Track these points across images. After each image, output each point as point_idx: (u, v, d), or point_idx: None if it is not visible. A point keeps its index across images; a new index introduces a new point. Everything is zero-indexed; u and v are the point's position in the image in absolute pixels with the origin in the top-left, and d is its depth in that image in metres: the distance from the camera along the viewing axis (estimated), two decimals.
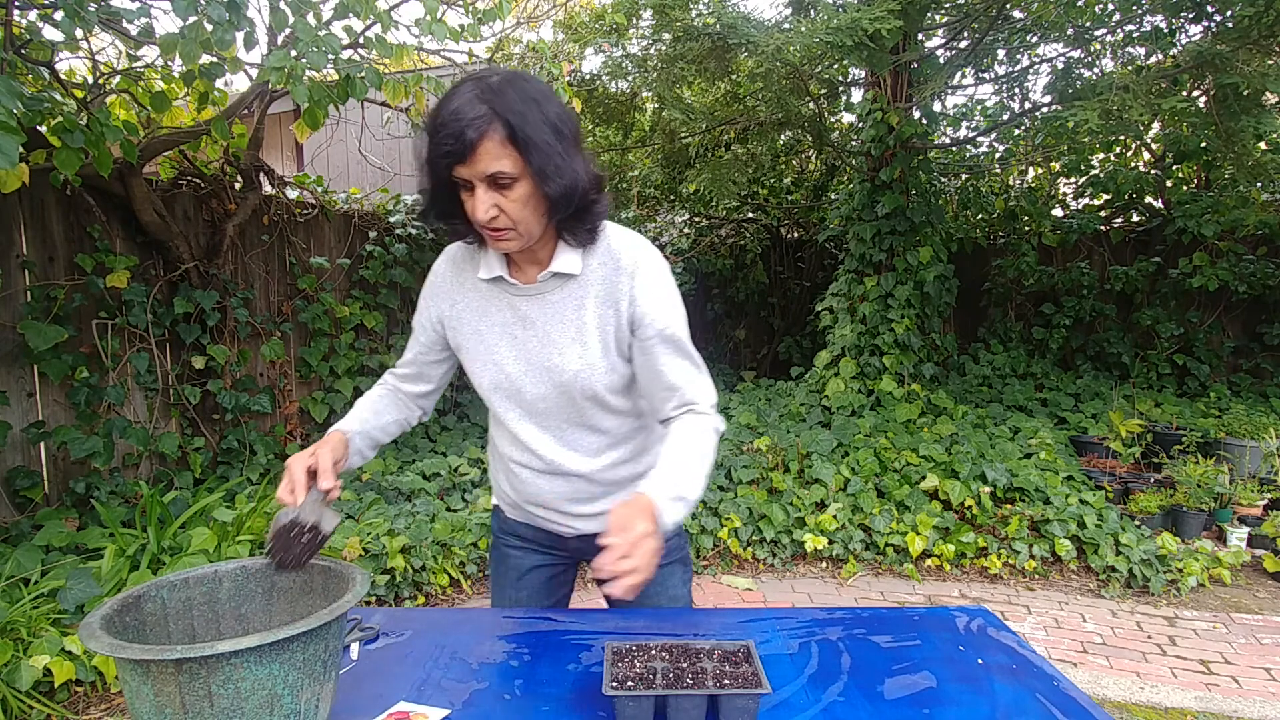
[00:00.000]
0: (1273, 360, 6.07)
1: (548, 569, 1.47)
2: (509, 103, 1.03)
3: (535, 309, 1.23)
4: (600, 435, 1.31)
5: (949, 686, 1.11)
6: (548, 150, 1.05)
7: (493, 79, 1.06)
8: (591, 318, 1.21)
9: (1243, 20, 3.90)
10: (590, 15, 5.60)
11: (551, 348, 1.23)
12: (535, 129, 1.03)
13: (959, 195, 7.07)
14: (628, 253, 1.20)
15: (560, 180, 1.07)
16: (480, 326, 1.27)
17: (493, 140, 1.03)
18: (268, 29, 3.27)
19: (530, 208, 1.09)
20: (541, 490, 1.35)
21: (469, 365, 1.31)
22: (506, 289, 1.24)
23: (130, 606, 0.96)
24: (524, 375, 1.26)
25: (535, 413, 1.29)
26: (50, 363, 3.19)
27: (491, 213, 1.08)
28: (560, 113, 1.07)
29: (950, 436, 4.64)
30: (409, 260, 5.04)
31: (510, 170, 1.05)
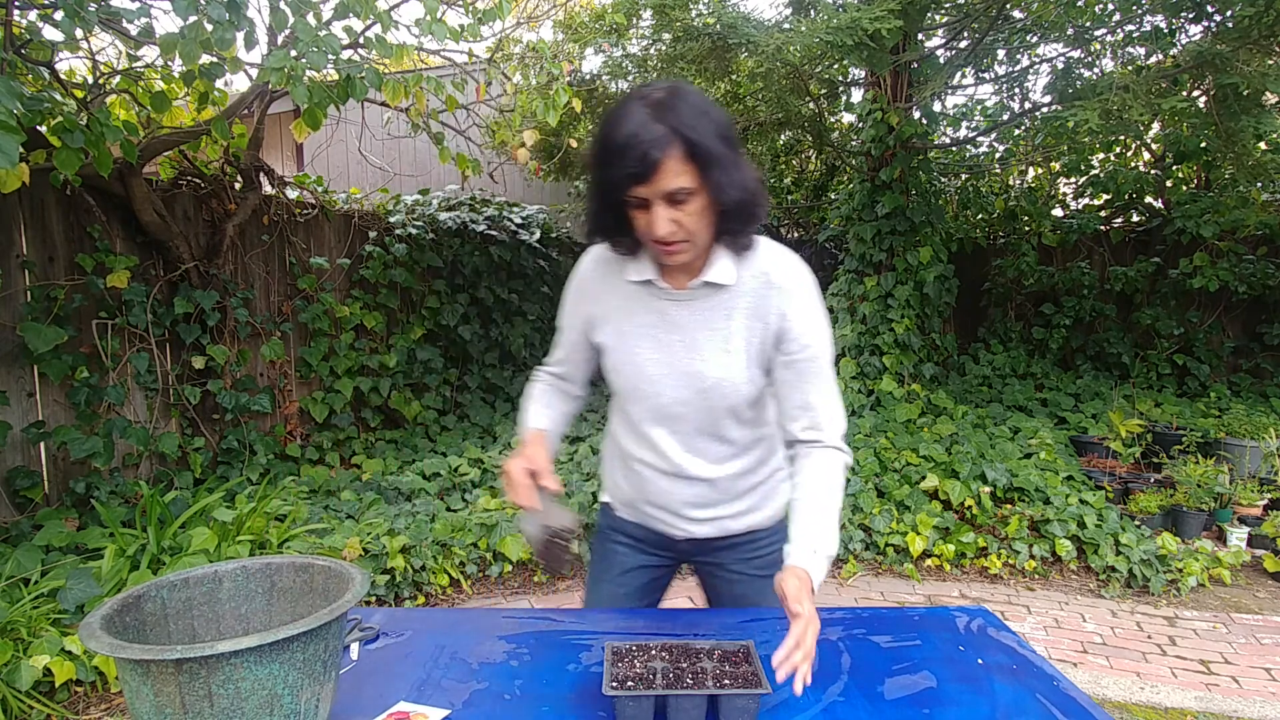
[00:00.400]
0: (1273, 360, 6.07)
1: (651, 570, 1.47)
2: (684, 118, 1.03)
3: (683, 314, 1.24)
4: (727, 445, 1.31)
5: (949, 686, 1.11)
6: (723, 162, 1.05)
7: (658, 95, 1.06)
8: (739, 328, 1.21)
9: (1243, 20, 3.90)
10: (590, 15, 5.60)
11: (695, 354, 1.24)
12: (710, 142, 1.04)
13: (959, 195, 7.07)
14: (780, 269, 1.21)
15: (734, 190, 1.08)
16: (624, 327, 1.28)
17: (674, 158, 1.04)
18: (268, 29, 3.27)
19: (705, 219, 1.10)
20: (662, 491, 1.36)
21: (608, 364, 1.32)
22: (656, 292, 1.25)
23: (130, 606, 0.96)
24: (664, 379, 1.27)
25: (668, 417, 1.30)
26: (50, 363, 3.19)
27: (671, 227, 1.09)
28: (724, 120, 1.08)
29: (950, 436, 4.64)
30: (409, 260, 5.04)
31: (689, 185, 1.06)
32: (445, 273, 5.41)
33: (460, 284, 5.51)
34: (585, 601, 1.52)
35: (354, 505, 3.75)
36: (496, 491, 4.01)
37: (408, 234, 5.07)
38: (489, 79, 4.42)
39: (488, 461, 4.39)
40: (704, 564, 1.46)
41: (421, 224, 5.20)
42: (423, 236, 5.14)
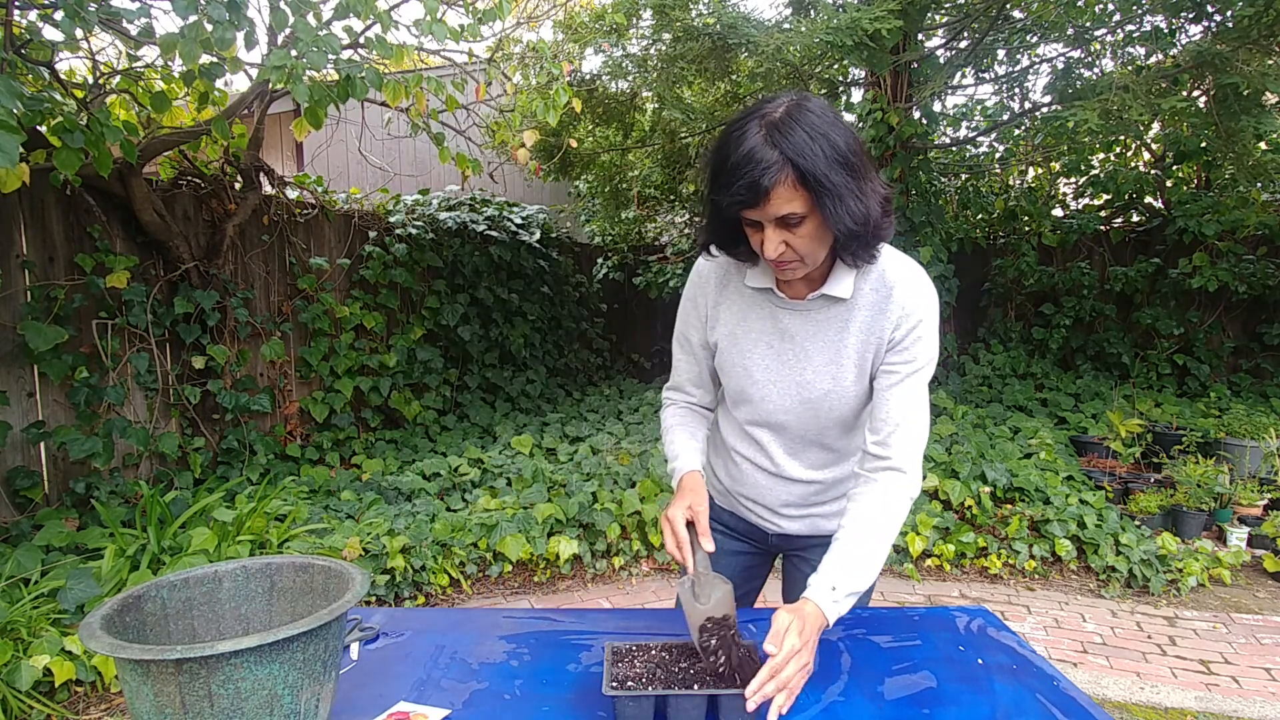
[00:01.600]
0: (1273, 360, 6.07)
1: (746, 557, 1.48)
2: (799, 145, 1.00)
3: (798, 324, 1.23)
4: (830, 453, 1.32)
5: (949, 686, 1.11)
6: (840, 190, 1.02)
7: (778, 114, 1.02)
8: (853, 342, 1.20)
9: (1243, 20, 3.90)
10: (590, 15, 5.59)
11: (807, 365, 1.23)
12: (826, 168, 1.01)
13: (959, 195, 7.07)
14: (902, 285, 1.17)
15: (851, 218, 1.04)
16: (737, 330, 1.28)
17: (785, 185, 1.01)
18: (268, 29, 3.27)
19: (819, 241, 1.08)
20: (759, 486, 1.36)
21: (719, 363, 1.32)
22: (772, 300, 1.24)
23: (130, 606, 0.96)
24: (772, 385, 1.26)
25: (775, 423, 1.30)
26: (50, 363, 3.19)
27: (780, 249, 1.08)
28: (848, 140, 1.04)
29: (950, 436, 4.64)
30: (409, 260, 5.04)
31: (800, 210, 1.04)
32: (445, 273, 5.41)
33: (460, 284, 5.51)
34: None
35: (354, 505, 3.75)
36: (496, 491, 4.01)
37: (408, 234, 5.07)
38: (489, 79, 4.42)
39: (487, 461, 4.40)
40: (794, 558, 1.46)
41: (421, 224, 5.20)
42: (423, 236, 5.14)
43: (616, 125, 6.63)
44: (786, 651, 0.99)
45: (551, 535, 3.62)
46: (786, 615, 1.04)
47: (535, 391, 6.05)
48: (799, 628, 1.03)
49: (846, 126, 1.05)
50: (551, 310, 6.59)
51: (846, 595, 1.10)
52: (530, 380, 6.06)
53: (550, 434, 5.11)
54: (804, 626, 1.04)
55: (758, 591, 1.55)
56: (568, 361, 6.87)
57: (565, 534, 3.61)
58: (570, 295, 7.02)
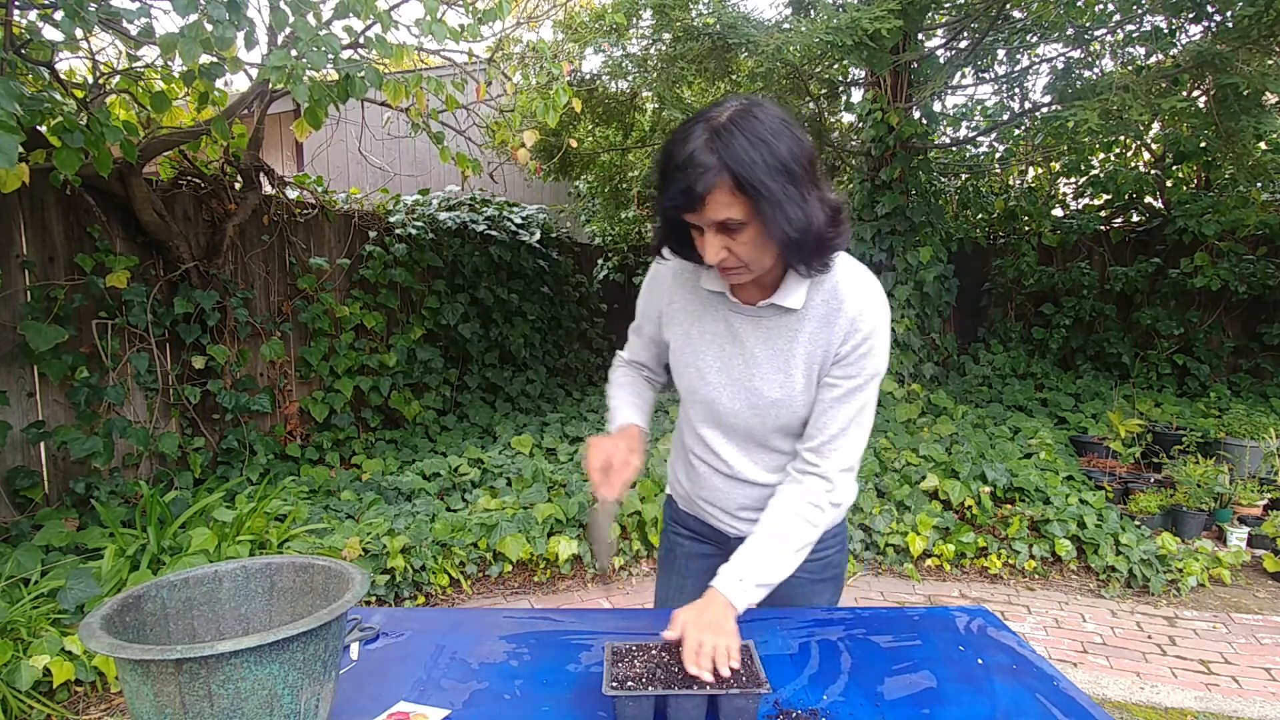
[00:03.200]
0: (1273, 360, 6.07)
1: (711, 560, 1.47)
2: (737, 151, 1.00)
3: (749, 330, 1.23)
4: (782, 456, 1.31)
5: (949, 686, 1.11)
6: (778, 197, 1.02)
7: (722, 120, 1.03)
8: (801, 352, 1.20)
9: (1243, 20, 3.90)
10: (590, 15, 5.59)
11: (755, 371, 1.24)
12: (765, 174, 1.00)
13: (959, 195, 7.07)
14: (853, 298, 1.17)
15: (790, 226, 1.03)
16: (691, 331, 1.28)
17: (721, 190, 1.01)
18: (268, 29, 3.27)
19: (761, 248, 1.08)
20: (716, 489, 1.37)
21: (672, 362, 1.34)
22: (726, 303, 1.24)
23: (130, 606, 0.96)
24: (723, 388, 1.27)
25: (725, 425, 1.31)
26: (50, 363, 3.19)
27: (720, 254, 1.08)
28: (794, 148, 1.03)
29: (950, 436, 4.64)
30: (409, 260, 5.04)
31: (739, 217, 1.03)
32: (445, 273, 5.41)
33: (460, 284, 5.51)
34: (656, 595, 1.55)
35: (354, 505, 3.75)
36: (496, 491, 4.01)
37: (408, 234, 5.07)
38: (489, 79, 4.42)
39: (487, 461, 4.39)
40: None
41: (421, 224, 5.20)
42: (423, 236, 5.14)
43: (616, 125, 6.63)
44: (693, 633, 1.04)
45: (551, 535, 3.62)
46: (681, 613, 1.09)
47: (535, 391, 6.05)
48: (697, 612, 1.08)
49: (796, 135, 1.05)
50: (551, 310, 6.59)
51: (756, 586, 1.14)
52: (530, 380, 6.06)
53: (550, 434, 5.11)
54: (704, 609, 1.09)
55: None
56: (568, 361, 6.87)
57: (565, 534, 3.61)
58: (570, 295, 7.02)
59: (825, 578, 1.41)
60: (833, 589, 1.43)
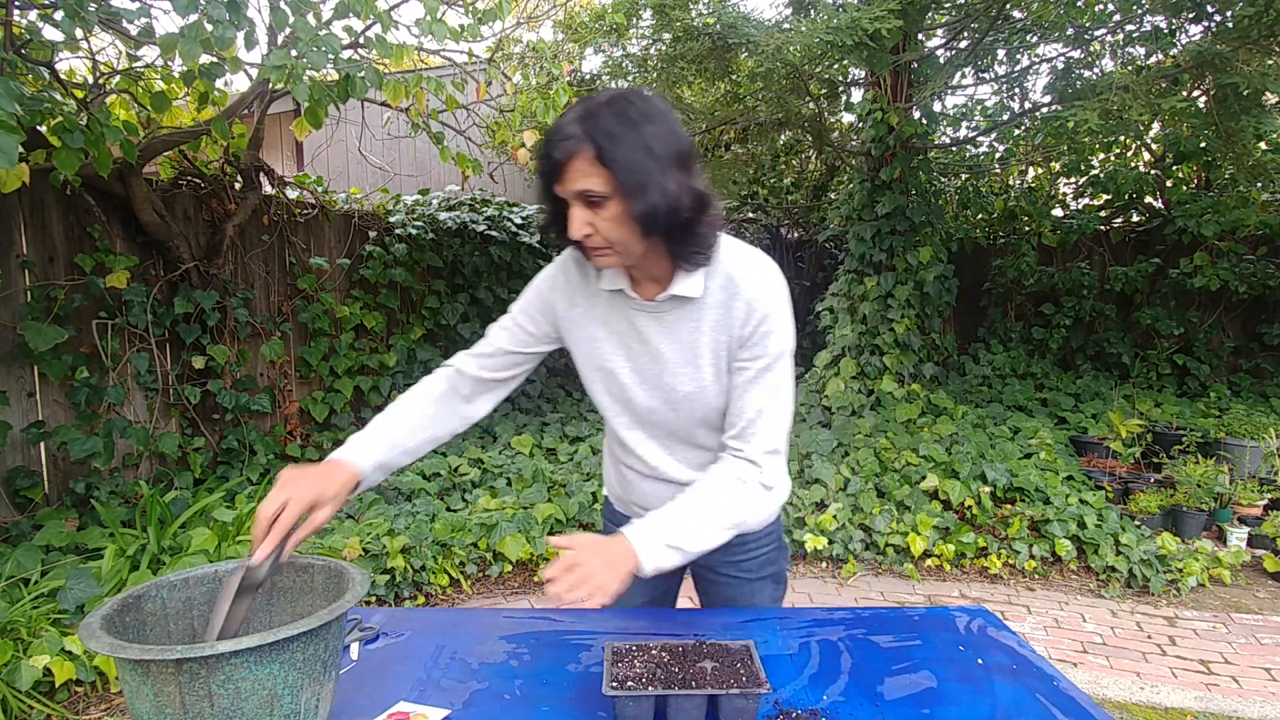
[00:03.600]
0: (1273, 360, 6.07)
1: None
2: (603, 125, 1.04)
3: (652, 326, 1.23)
4: (705, 451, 1.31)
5: (949, 686, 1.11)
6: (635, 169, 1.04)
7: (598, 99, 1.07)
8: (706, 341, 1.20)
9: (1243, 20, 3.90)
10: (590, 15, 5.59)
11: (665, 367, 1.24)
12: (625, 149, 1.03)
13: (959, 195, 7.06)
14: (748, 279, 1.18)
15: (646, 199, 1.05)
16: (597, 334, 1.28)
17: (582, 159, 1.04)
18: (268, 29, 3.27)
19: (625, 227, 1.09)
20: (645, 493, 1.37)
21: (581, 368, 1.32)
22: (626, 301, 1.24)
23: (130, 606, 0.96)
24: (636, 387, 1.27)
25: (644, 422, 1.30)
26: (50, 363, 3.18)
27: (585, 230, 1.09)
28: (664, 134, 1.06)
29: (950, 436, 4.64)
30: (409, 260, 5.04)
31: (599, 189, 1.05)
32: (445, 273, 5.41)
33: (460, 284, 5.51)
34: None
35: (354, 505, 3.75)
36: (496, 491, 4.01)
37: (408, 234, 5.07)
38: (489, 79, 4.42)
39: (487, 461, 4.39)
40: (695, 565, 1.46)
41: (421, 224, 5.20)
42: (423, 236, 5.14)
43: None
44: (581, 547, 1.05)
45: (551, 535, 3.62)
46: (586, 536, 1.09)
47: (535, 391, 6.05)
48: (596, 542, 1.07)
49: (669, 125, 1.08)
50: None
51: (666, 546, 1.11)
52: (530, 380, 6.06)
53: (550, 434, 5.11)
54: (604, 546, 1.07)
55: (675, 592, 1.54)
56: (568, 361, 6.85)
57: (566, 534, 3.61)
58: None
59: (764, 575, 1.41)
60: (773, 585, 1.43)
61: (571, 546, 1.06)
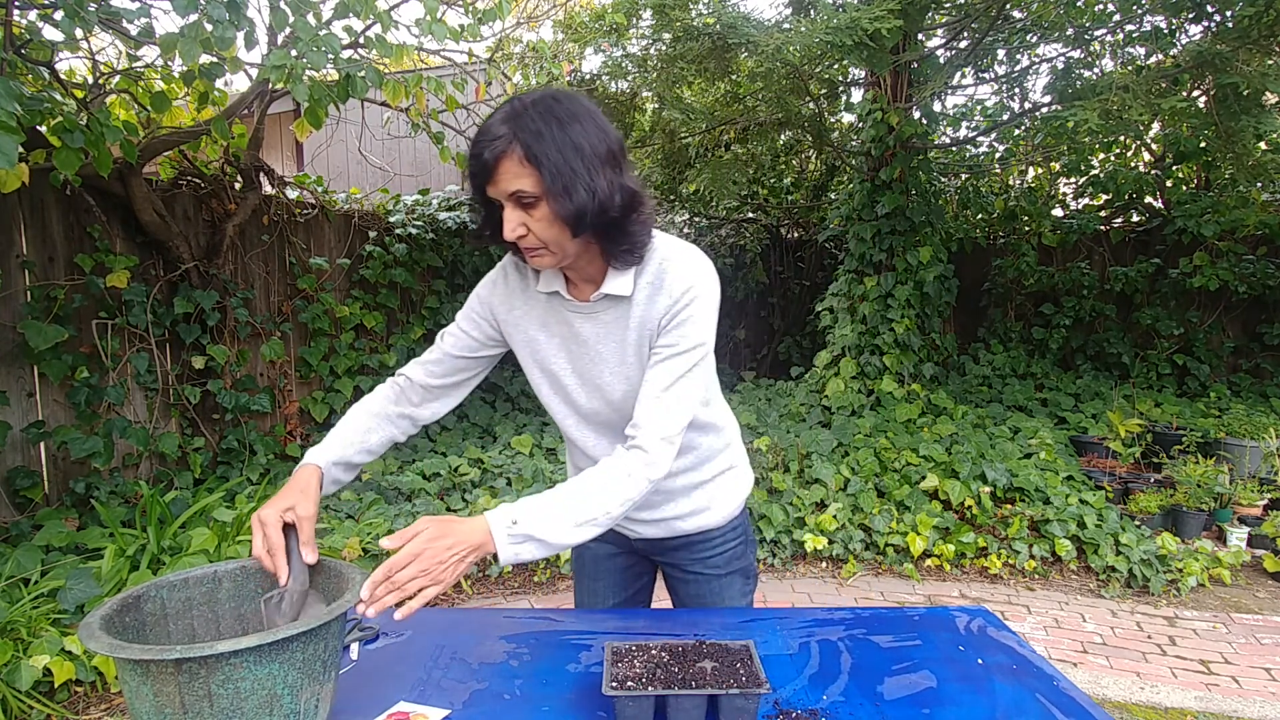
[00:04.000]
0: (1273, 360, 6.07)
1: (621, 558, 1.48)
2: (529, 125, 1.04)
3: (589, 327, 1.23)
4: None
5: (949, 686, 1.11)
6: (561, 169, 1.04)
7: (525, 100, 1.07)
8: (633, 339, 1.21)
9: (1243, 20, 3.90)
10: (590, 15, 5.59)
11: (601, 366, 1.24)
12: (550, 148, 1.03)
13: (959, 195, 7.06)
14: (673, 274, 1.17)
15: (573, 199, 1.05)
16: (538, 336, 1.28)
17: (511, 160, 1.04)
18: (268, 29, 3.27)
19: (557, 226, 1.08)
20: None
21: (527, 372, 1.33)
22: (563, 303, 1.24)
23: (130, 606, 0.96)
24: (578, 389, 1.28)
25: (592, 422, 1.31)
26: (50, 363, 3.18)
27: (519, 231, 1.09)
28: (591, 132, 1.07)
29: (950, 436, 4.64)
30: (409, 260, 5.04)
31: (530, 189, 1.05)
32: (445, 273, 5.41)
33: (460, 284, 5.51)
34: (575, 600, 1.53)
35: (354, 505, 3.75)
36: (496, 491, 4.01)
37: (408, 234, 5.07)
38: (489, 79, 4.42)
39: (487, 461, 4.39)
40: (661, 563, 1.47)
41: (421, 224, 5.20)
42: (423, 236, 5.14)
43: (616, 125, 6.61)
44: (407, 551, 0.97)
45: None
46: (426, 520, 1.02)
47: None
48: (434, 534, 0.99)
49: (597, 124, 1.08)
50: None
51: (525, 537, 1.03)
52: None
53: (550, 434, 5.11)
54: (445, 533, 1.00)
55: (648, 590, 1.54)
56: None
57: None
58: None
59: (732, 570, 1.41)
60: (742, 580, 1.42)
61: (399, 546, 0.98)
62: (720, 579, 1.40)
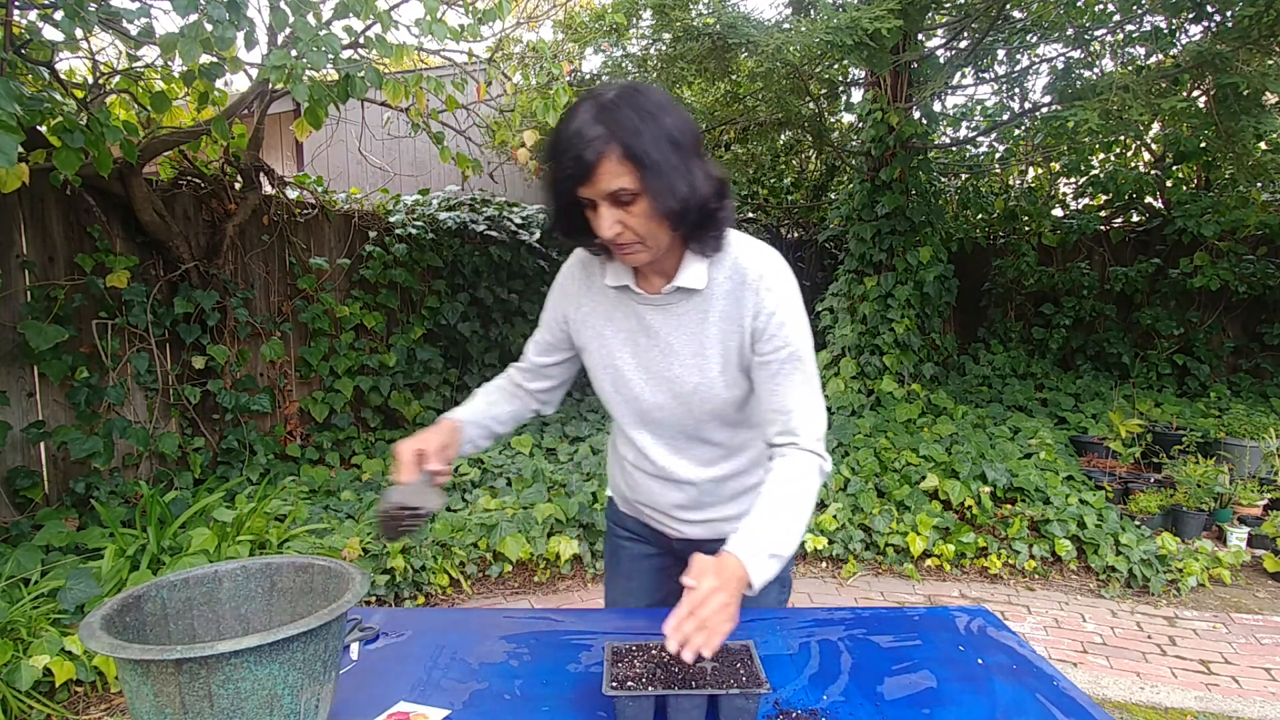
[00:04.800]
0: (1273, 360, 6.07)
1: (657, 559, 1.48)
2: (624, 121, 1.02)
3: (659, 319, 1.23)
4: (714, 447, 1.31)
5: (949, 686, 1.11)
6: (664, 165, 1.03)
7: (609, 95, 1.05)
8: (714, 333, 1.20)
9: (1243, 20, 3.90)
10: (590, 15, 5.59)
11: (672, 359, 1.23)
12: (651, 145, 1.03)
13: (959, 195, 7.07)
14: (754, 266, 1.17)
15: (677, 194, 1.05)
16: (604, 331, 1.28)
17: (611, 159, 1.03)
18: (268, 29, 3.27)
19: (655, 221, 1.08)
20: (652, 492, 1.37)
21: (590, 367, 1.33)
22: (633, 297, 1.24)
23: (130, 606, 0.96)
24: (643, 384, 1.27)
25: (651, 421, 1.30)
26: (50, 363, 3.18)
27: (616, 229, 1.08)
28: (678, 123, 1.06)
29: (950, 436, 4.64)
30: (409, 260, 5.04)
31: (630, 187, 1.04)
32: (445, 273, 5.41)
33: (460, 284, 5.51)
34: (605, 599, 1.53)
35: (354, 505, 3.75)
36: (496, 491, 4.01)
37: (408, 234, 5.07)
38: (489, 79, 4.42)
39: (487, 461, 4.39)
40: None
41: (421, 224, 5.20)
42: (423, 236, 5.14)
43: None
44: (706, 589, 0.98)
45: (551, 535, 3.62)
46: (704, 559, 1.03)
47: None
48: (716, 568, 1.01)
49: (680, 113, 1.07)
50: None
51: (768, 556, 1.07)
52: None
53: (550, 434, 5.11)
54: (722, 569, 1.02)
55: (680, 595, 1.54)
56: None
57: (565, 534, 3.61)
58: None
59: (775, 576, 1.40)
60: (779, 588, 1.41)
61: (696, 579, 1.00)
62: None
